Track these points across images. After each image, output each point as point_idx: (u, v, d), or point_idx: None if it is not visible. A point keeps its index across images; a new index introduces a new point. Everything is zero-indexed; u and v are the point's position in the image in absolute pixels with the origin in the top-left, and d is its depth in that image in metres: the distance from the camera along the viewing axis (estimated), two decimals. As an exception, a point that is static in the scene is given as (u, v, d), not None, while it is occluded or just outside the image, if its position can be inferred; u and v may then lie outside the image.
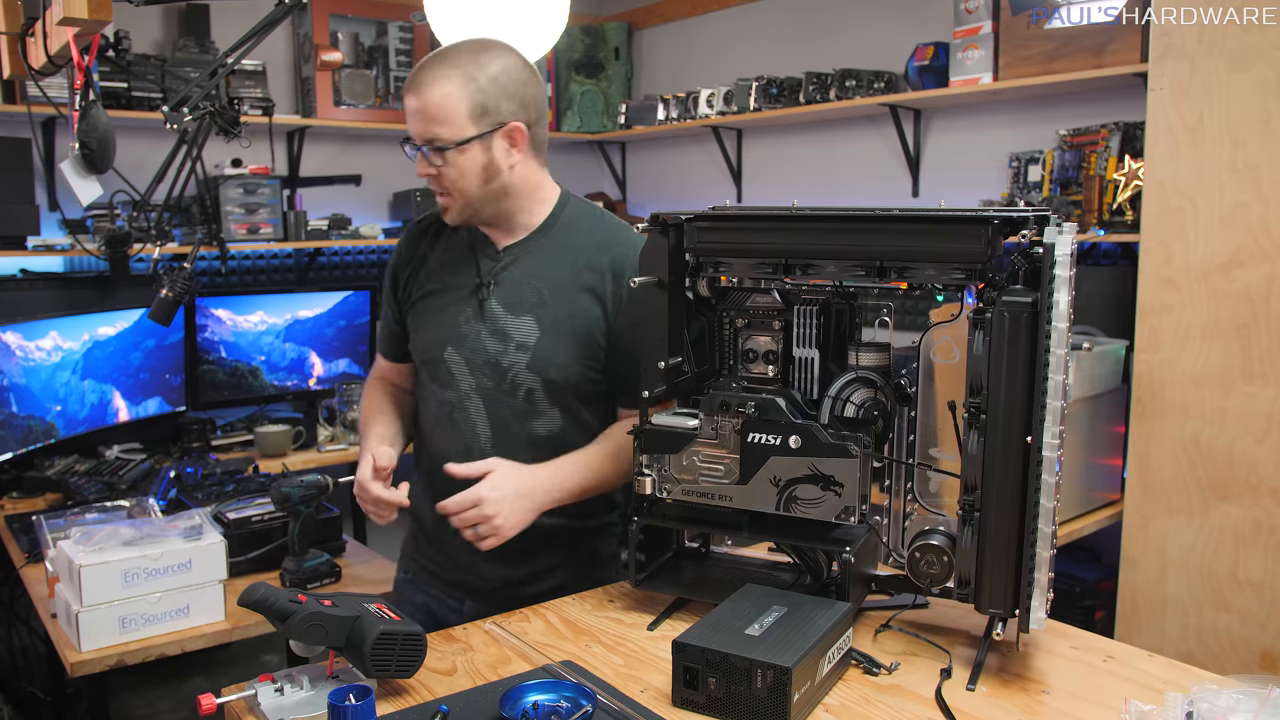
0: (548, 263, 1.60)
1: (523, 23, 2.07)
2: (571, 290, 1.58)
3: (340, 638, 1.20)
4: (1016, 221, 1.24)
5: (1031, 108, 3.18)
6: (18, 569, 2.20)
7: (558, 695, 1.14)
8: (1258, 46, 2.13)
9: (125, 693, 3.16)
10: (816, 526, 1.38)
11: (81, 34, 1.70)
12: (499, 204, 1.59)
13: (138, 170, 2.17)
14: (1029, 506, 1.21)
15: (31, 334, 2.80)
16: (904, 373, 1.38)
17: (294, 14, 1.97)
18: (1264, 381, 2.17)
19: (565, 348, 1.57)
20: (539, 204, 1.63)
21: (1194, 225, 2.24)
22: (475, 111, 1.50)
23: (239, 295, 3.47)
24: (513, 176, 1.56)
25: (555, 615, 1.48)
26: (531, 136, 1.57)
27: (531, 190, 1.61)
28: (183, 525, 1.80)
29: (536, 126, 1.58)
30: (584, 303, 1.58)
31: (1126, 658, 1.33)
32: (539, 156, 1.62)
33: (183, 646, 1.77)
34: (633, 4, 4.56)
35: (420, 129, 1.52)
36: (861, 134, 3.69)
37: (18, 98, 2.97)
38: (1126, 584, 2.41)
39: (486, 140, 1.52)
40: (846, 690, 1.24)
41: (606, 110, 4.46)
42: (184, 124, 1.89)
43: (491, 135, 1.52)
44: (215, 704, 1.17)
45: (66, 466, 2.86)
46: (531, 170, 1.60)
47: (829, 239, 1.35)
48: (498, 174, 1.54)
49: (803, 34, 3.86)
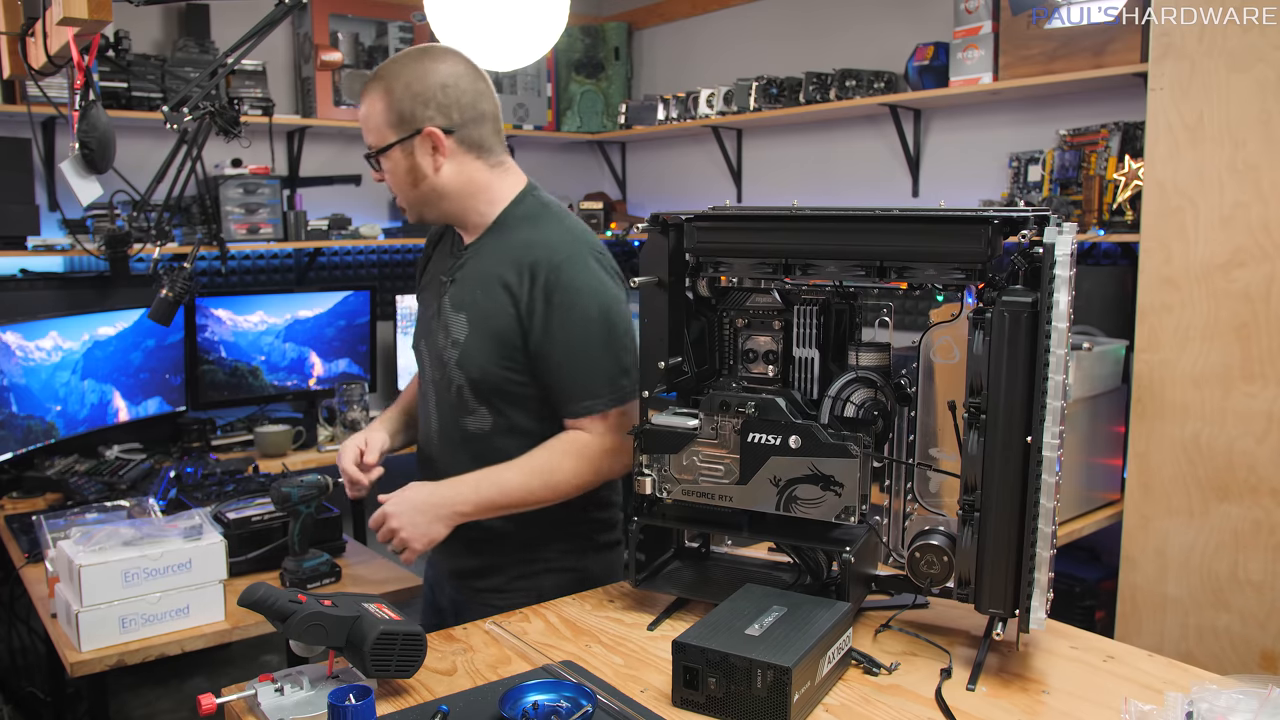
0: (486, 261, 1.63)
1: (523, 23, 2.07)
2: (494, 289, 1.59)
3: (340, 638, 1.21)
4: (1016, 221, 1.24)
5: (1031, 108, 3.18)
6: (18, 569, 2.20)
7: (558, 695, 1.15)
8: (1258, 46, 2.13)
9: (125, 693, 3.16)
10: (816, 526, 1.38)
11: (81, 34, 1.70)
12: (439, 205, 1.64)
13: (138, 170, 2.17)
14: (1029, 506, 1.21)
15: (31, 334, 2.80)
16: (904, 373, 1.38)
17: (294, 14, 1.97)
18: (1264, 381, 2.17)
19: (485, 346, 1.59)
20: (489, 203, 1.65)
21: (1194, 225, 2.24)
22: (393, 120, 1.57)
23: (239, 295, 3.47)
24: (442, 179, 1.60)
25: (555, 615, 1.48)
26: (461, 139, 1.59)
27: (476, 190, 1.63)
28: (183, 525, 1.80)
29: (469, 128, 1.60)
30: (502, 301, 1.58)
31: (1126, 658, 1.33)
32: (484, 157, 1.63)
33: (183, 646, 1.77)
34: (633, 4, 4.56)
35: (365, 138, 1.63)
36: (861, 134, 3.69)
37: (18, 98, 2.97)
38: (1126, 584, 2.41)
39: (406, 145, 1.58)
40: (846, 690, 1.24)
41: (606, 110, 4.46)
42: (184, 124, 1.89)
43: (410, 140, 1.58)
44: (215, 704, 1.17)
45: (66, 466, 2.86)
46: (472, 171, 1.62)
47: (829, 239, 1.35)
48: (424, 177, 1.60)
49: (803, 34, 3.86)
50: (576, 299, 1.54)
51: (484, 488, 1.56)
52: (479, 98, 1.60)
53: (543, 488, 1.56)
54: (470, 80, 1.60)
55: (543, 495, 1.57)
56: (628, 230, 4.31)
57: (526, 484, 1.56)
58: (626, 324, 1.59)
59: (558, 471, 1.56)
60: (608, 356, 1.56)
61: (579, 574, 1.69)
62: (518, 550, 1.67)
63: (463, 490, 1.57)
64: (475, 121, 1.60)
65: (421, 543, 1.56)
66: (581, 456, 1.56)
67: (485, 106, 1.61)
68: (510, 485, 1.56)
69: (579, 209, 4.52)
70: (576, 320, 1.54)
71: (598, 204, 4.46)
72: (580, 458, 1.56)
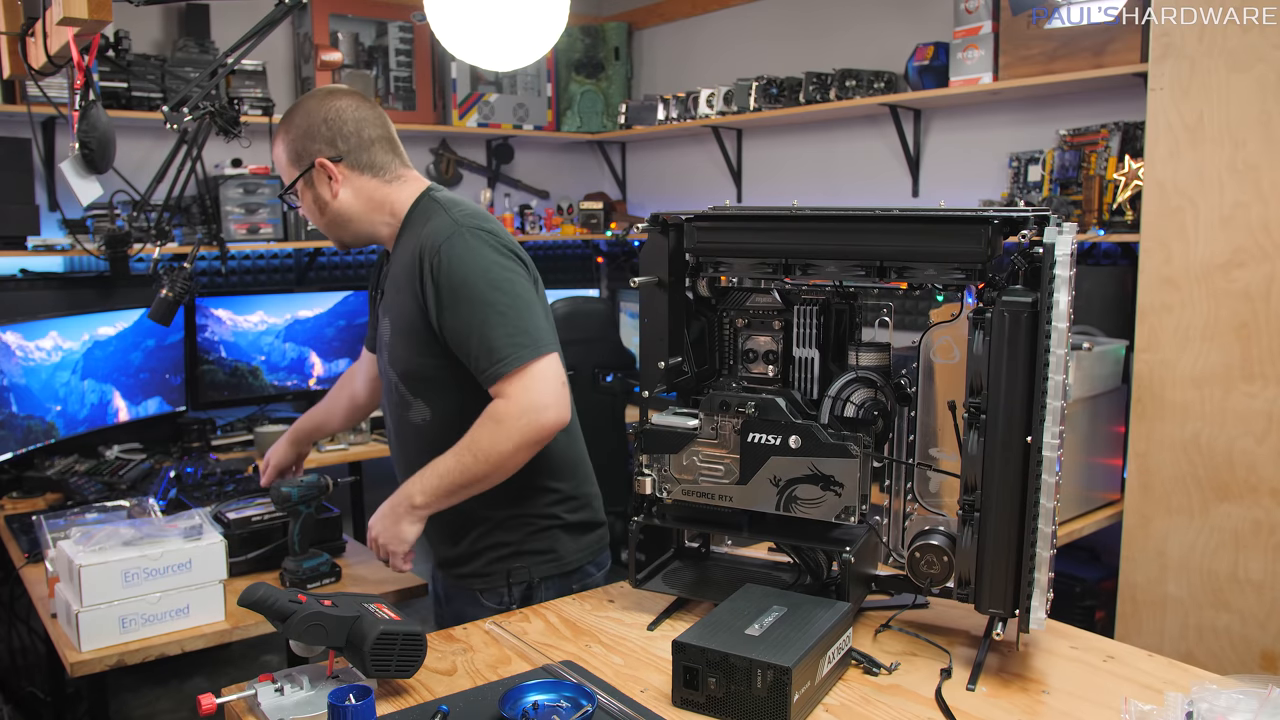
0: (395, 265, 1.72)
1: (523, 23, 2.07)
2: (403, 287, 1.67)
3: (340, 638, 1.21)
4: (1016, 221, 1.24)
5: (1031, 108, 3.18)
6: (18, 569, 2.20)
7: (558, 695, 1.15)
8: (1258, 46, 2.13)
9: (125, 693, 3.16)
10: (816, 526, 1.38)
11: (81, 34, 1.70)
12: (349, 226, 1.76)
13: (138, 170, 2.18)
14: (1029, 506, 1.21)
15: (31, 334, 2.80)
16: (904, 373, 1.38)
17: (294, 14, 1.97)
18: (1264, 381, 2.17)
19: (404, 341, 1.69)
20: (393, 214, 1.75)
21: (1194, 225, 2.24)
22: (292, 158, 1.73)
23: (239, 295, 3.47)
24: (341, 203, 1.73)
25: (555, 615, 1.48)
26: (352, 163, 1.72)
27: (376, 207, 1.74)
28: (183, 525, 1.80)
29: (357, 153, 1.72)
30: (408, 296, 1.66)
31: (1126, 658, 1.33)
32: (379, 175, 1.74)
33: (183, 646, 1.77)
34: (633, 4, 4.56)
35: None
36: (861, 134, 3.69)
37: (18, 98, 2.97)
38: (1126, 584, 2.41)
39: (306, 178, 1.73)
40: (846, 690, 1.24)
41: (606, 110, 4.46)
42: (184, 124, 1.89)
43: (309, 174, 1.73)
44: (215, 704, 1.17)
45: (66, 466, 2.86)
46: (369, 190, 1.73)
47: (829, 239, 1.36)
48: (326, 205, 1.74)
49: (803, 34, 3.86)
50: (457, 273, 1.59)
51: (426, 475, 1.62)
52: (361, 124, 1.73)
53: (474, 461, 1.58)
54: (353, 110, 1.73)
55: (478, 469, 1.58)
56: (628, 230, 4.31)
57: (459, 460, 1.59)
58: (517, 289, 1.61)
59: (480, 440, 1.58)
60: (501, 320, 1.57)
61: (553, 557, 1.73)
62: (488, 533, 1.73)
63: (412, 484, 1.64)
64: (363, 147, 1.73)
65: (396, 544, 1.66)
66: (497, 420, 1.57)
67: (370, 131, 1.74)
68: (444, 465, 1.60)
69: (579, 209, 4.52)
70: (462, 294, 1.59)
71: (598, 204, 4.46)
72: (496, 421, 1.57)
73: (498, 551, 1.73)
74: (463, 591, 1.77)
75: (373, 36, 3.92)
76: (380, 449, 3.47)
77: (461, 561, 1.77)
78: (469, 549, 1.75)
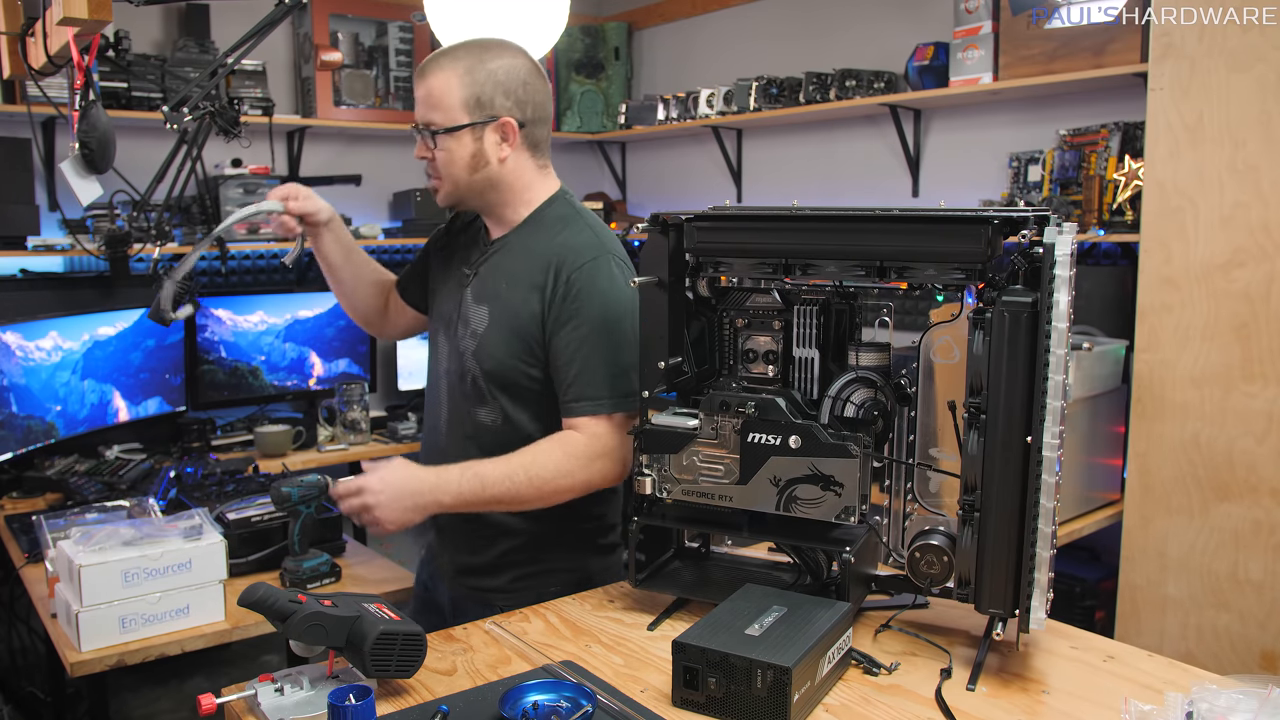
0: (514, 258, 1.65)
1: (523, 23, 2.07)
2: (523, 286, 1.61)
3: (340, 638, 1.20)
4: (1016, 221, 1.24)
5: (1031, 108, 3.18)
6: (18, 569, 2.20)
7: (558, 695, 1.15)
8: (1258, 46, 2.13)
9: (125, 693, 3.16)
10: (816, 526, 1.38)
11: (81, 34, 1.70)
12: (485, 195, 1.65)
13: (138, 170, 2.17)
14: (1029, 506, 1.21)
15: (31, 334, 2.80)
16: (904, 373, 1.38)
17: (294, 14, 1.97)
18: (1264, 381, 2.17)
19: (504, 340, 1.61)
20: (526, 203, 1.67)
21: (1194, 225, 2.24)
22: (470, 102, 1.58)
23: (239, 295, 3.47)
24: (501, 170, 1.63)
25: (555, 615, 1.48)
26: (526, 135, 1.63)
27: (521, 188, 1.66)
28: (183, 525, 1.80)
29: (534, 126, 1.64)
30: (528, 298, 1.60)
31: (1126, 658, 1.33)
32: (536, 157, 1.67)
33: (183, 646, 1.77)
34: (633, 4, 4.56)
35: (421, 113, 1.62)
36: (861, 134, 3.69)
37: (18, 98, 2.97)
38: (1126, 584, 2.41)
39: (478, 130, 1.59)
40: (846, 690, 1.24)
41: (606, 110, 4.46)
42: (184, 124, 1.89)
43: (483, 126, 1.59)
44: (215, 704, 1.17)
45: (66, 466, 2.86)
46: (524, 168, 1.65)
47: (829, 239, 1.35)
48: (485, 164, 1.61)
49: (803, 34, 3.86)
50: (592, 301, 1.56)
51: (466, 478, 1.54)
52: (546, 100, 1.66)
53: (526, 483, 1.53)
54: (543, 81, 1.66)
55: (526, 491, 1.54)
56: (628, 230, 4.31)
57: (509, 476, 1.53)
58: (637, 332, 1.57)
59: (543, 466, 1.53)
60: (613, 361, 1.56)
61: (579, 575, 1.69)
62: (527, 549, 1.67)
63: (446, 479, 1.54)
64: (540, 121, 1.65)
65: (395, 526, 1.54)
66: (569, 453, 1.54)
67: (549, 110, 1.68)
68: (491, 477, 1.53)
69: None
70: (588, 321, 1.56)
71: (598, 204, 4.46)
72: (567, 454, 1.54)
73: (525, 569, 1.67)
74: (480, 605, 1.64)
75: (373, 36, 3.92)
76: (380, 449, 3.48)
77: (484, 573, 1.69)
78: (494, 561, 1.68)
